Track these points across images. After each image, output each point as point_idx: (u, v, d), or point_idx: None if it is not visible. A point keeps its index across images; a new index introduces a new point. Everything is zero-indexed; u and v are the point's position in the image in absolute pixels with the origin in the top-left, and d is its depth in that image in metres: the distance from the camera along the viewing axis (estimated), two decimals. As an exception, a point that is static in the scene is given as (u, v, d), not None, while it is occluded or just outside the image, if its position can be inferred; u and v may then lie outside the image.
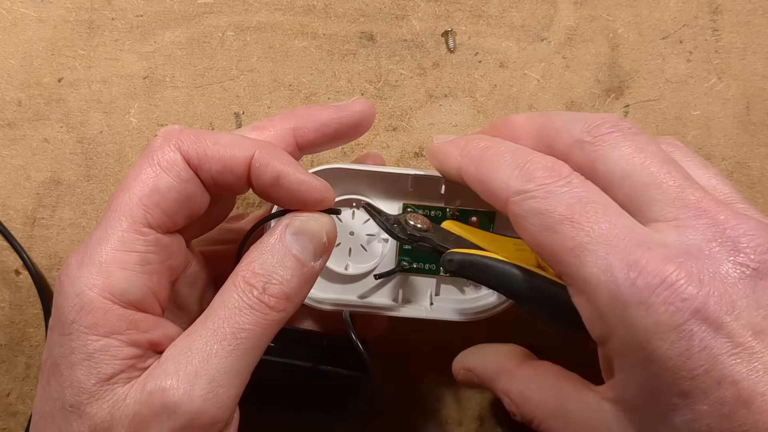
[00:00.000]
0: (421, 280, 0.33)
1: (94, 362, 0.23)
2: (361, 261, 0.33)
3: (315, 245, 0.26)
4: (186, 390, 0.22)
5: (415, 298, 0.33)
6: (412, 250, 0.33)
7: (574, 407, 0.26)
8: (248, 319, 0.24)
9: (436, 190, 0.32)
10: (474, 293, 0.33)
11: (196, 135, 0.26)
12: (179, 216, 0.26)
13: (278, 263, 0.25)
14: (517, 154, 0.26)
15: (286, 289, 0.25)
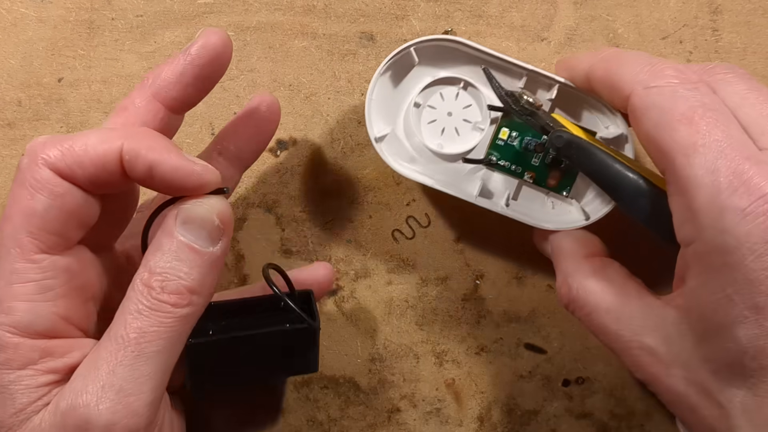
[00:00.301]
0: (503, 180, 0.34)
1: (9, 394, 0.23)
2: (452, 143, 0.34)
3: (208, 230, 0.25)
4: (94, 404, 0.22)
5: (492, 196, 0.34)
6: (503, 148, 0.34)
7: (633, 306, 0.26)
8: (149, 321, 0.23)
9: (542, 98, 0.33)
10: (549, 208, 0.34)
11: (60, 143, 0.24)
12: (70, 231, 0.25)
13: (174, 258, 0.24)
14: (650, 57, 0.27)
15: (186, 283, 0.24)
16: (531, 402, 0.37)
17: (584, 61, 0.30)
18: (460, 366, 0.37)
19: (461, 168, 0.34)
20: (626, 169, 0.27)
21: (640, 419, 0.37)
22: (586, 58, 0.30)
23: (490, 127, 0.34)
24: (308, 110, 0.38)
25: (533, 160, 0.34)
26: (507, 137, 0.34)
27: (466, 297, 0.37)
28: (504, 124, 0.34)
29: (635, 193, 0.27)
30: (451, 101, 0.34)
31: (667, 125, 0.24)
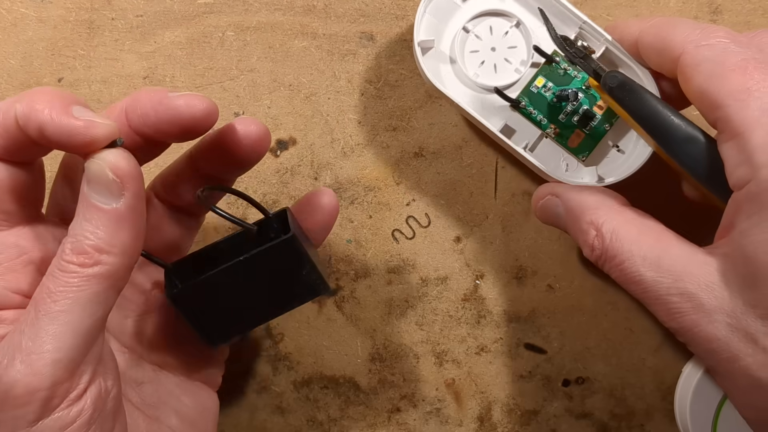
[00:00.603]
0: (525, 128, 0.35)
1: None
2: (488, 77, 0.34)
3: (105, 186, 0.24)
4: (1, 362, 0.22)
5: (512, 137, 0.34)
6: (535, 96, 0.34)
7: (674, 253, 0.26)
8: (56, 282, 0.23)
9: None
10: (562, 168, 0.35)
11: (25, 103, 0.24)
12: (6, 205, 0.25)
13: (83, 218, 0.24)
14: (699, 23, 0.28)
15: (91, 242, 0.23)
16: (531, 402, 0.37)
17: (634, 26, 0.30)
18: (460, 366, 0.37)
19: (489, 102, 0.35)
20: (677, 115, 0.28)
21: (640, 419, 0.37)
22: (636, 23, 0.30)
23: (529, 71, 0.34)
24: (308, 110, 0.38)
25: (560, 116, 0.34)
26: (542, 86, 0.34)
27: (466, 297, 0.37)
28: (543, 72, 0.34)
29: (685, 138, 0.28)
30: (499, 37, 0.34)
31: (720, 75, 0.25)
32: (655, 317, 0.37)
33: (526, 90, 0.34)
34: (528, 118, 0.34)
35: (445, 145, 0.37)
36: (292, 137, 0.38)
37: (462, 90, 0.35)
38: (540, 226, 0.37)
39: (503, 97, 0.34)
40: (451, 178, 0.37)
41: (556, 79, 0.34)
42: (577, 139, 0.34)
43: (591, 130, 0.34)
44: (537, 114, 0.34)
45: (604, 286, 0.37)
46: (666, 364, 0.37)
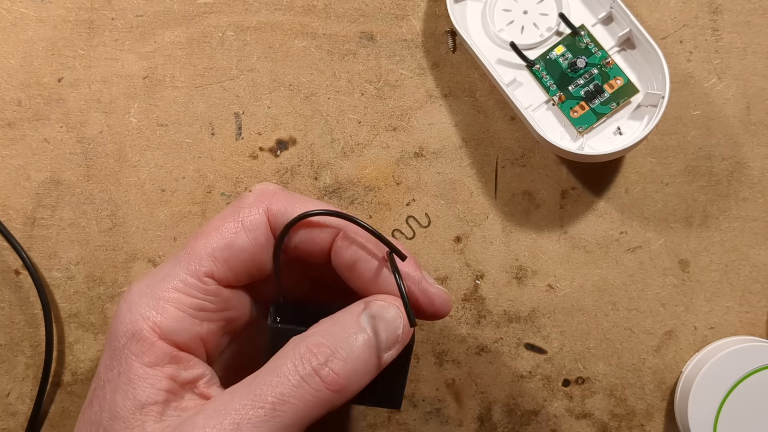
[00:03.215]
0: (533, 90, 0.36)
1: (133, 387, 0.23)
2: (514, 33, 0.36)
3: (388, 335, 0.24)
4: None
5: (519, 98, 0.35)
6: (551, 62, 0.35)
7: None
8: (295, 391, 0.22)
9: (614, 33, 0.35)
10: (558, 134, 0.35)
11: (287, 201, 0.26)
12: (243, 275, 0.26)
13: (348, 338, 0.23)
14: None
15: (348, 368, 0.22)
16: (531, 402, 0.37)
17: None
18: (460, 366, 0.37)
19: (505, 59, 0.36)
20: None
21: (640, 419, 0.37)
22: None
23: (552, 39, 0.36)
24: (308, 110, 0.38)
25: (571, 86, 0.35)
26: (560, 54, 0.35)
27: (466, 297, 0.37)
28: (564, 42, 0.35)
29: None
30: (534, 2, 0.36)
31: None
32: (655, 317, 0.37)
33: (543, 55, 0.35)
34: (539, 81, 0.35)
35: (445, 145, 0.37)
36: (292, 137, 0.38)
37: (484, 41, 0.36)
38: (540, 226, 0.37)
39: (519, 54, 0.35)
40: (451, 178, 0.37)
41: (576, 51, 0.35)
42: (581, 110, 0.35)
43: (596, 105, 0.35)
44: (548, 79, 0.35)
45: (604, 285, 0.37)
46: (666, 364, 0.37)
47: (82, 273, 0.38)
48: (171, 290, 0.24)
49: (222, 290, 0.25)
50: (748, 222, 0.36)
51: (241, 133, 0.38)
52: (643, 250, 0.37)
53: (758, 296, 0.36)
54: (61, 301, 0.38)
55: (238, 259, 0.25)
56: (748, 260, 0.36)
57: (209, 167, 0.38)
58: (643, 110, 0.35)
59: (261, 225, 0.25)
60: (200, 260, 0.25)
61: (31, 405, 0.37)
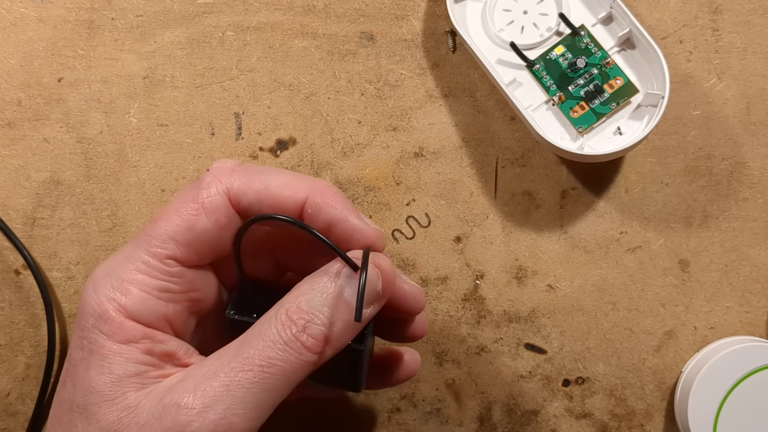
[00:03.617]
0: (533, 90, 0.36)
1: (108, 363, 0.23)
2: (514, 34, 0.36)
3: (368, 292, 0.25)
4: (200, 411, 0.22)
5: (519, 98, 0.35)
6: (551, 62, 0.35)
7: None
8: (280, 355, 0.23)
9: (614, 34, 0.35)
10: (557, 134, 0.35)
11: (247, 176, 0.25)
12: (207, 256, 0.26)
13: (325, 303, 0.24)
14: None
15: (327, 332, 0.24)
16: (531, 402, 0.37)
17: None
18: (460, 366, 0.37)
19: (505, 59, 0.36)
20: None
21: (640, 419, 0.37)
22: None
23: (552, 39, 0.36)
24: (308, 110, 0.38)
25: (571, 86, 0.35)
26: (560, 54, 0.35)
27: (466, 297, 0.37)
28: (565, 42, 0.35)
29: None
30: (534, 2, 0.36)
31: None
32: (655, 317, 0.37)
33: (543, 55, 0.35)
34: (538, 81, 0.35)
35: (445, 145, 0.37)
36: (292, 137, 0.38)
37: (484, 41, 0.36)
38: (540, 226, 0.37)
39: (519, 54, 0.35)
40: (451, 178, 0.37)
41: (575, 50, 0.35)
42: (581, 110, 0.35)
43: (596, 105, 0.35)
44: (548, 79, 0.35)
45: (604, 285, 0.37)
46: (666, 364, 0.37)
47: (82, 273, 0.38)
48: (134, 272, 0.24)
49: (186, 271, 0.25)
50: (748, 222, 0.36)
51: (241, 133, 0.38)
52: (643, 250, 0.37)
53: (758, 296, 0.36)
54: (62, 301, 0.38)
55: (200, 241, 0.25)
56: (748, 260, 0.36)
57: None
58: (643, 110, 0.35)
59: (221, 205, 0.25)
60: (162, 243, 0.24)
61: (32, 405, 0.37)
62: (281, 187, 0.25)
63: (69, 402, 0.23)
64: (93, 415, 0.23)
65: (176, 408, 0.22)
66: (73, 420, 0.23)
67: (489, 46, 0.36)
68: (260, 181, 0.25)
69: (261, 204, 0.25)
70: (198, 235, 0.25)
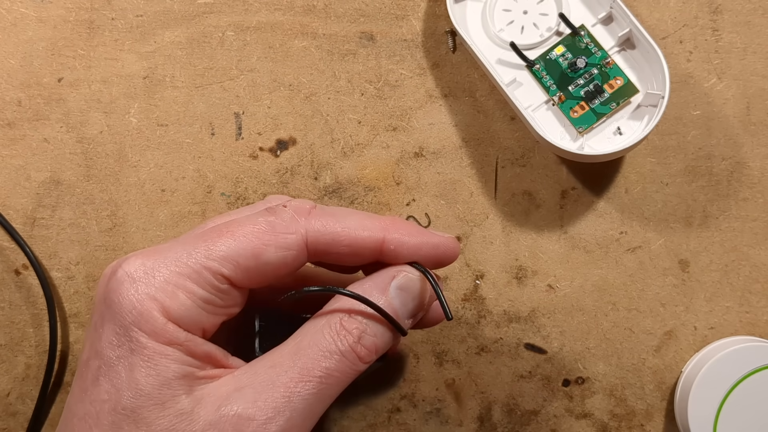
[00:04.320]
0: (533, 91, 0.36)
1: (154, 364, 0.23)
2: (514, 34, 0.36)
3: (414, 305, 0.26)
4: (263, 423, 0.22)
5: (519, 98, 0.35)
6: (551, 62, 0.35)
7: None
8: (338, 366, 0.24)
9: (614, 34, 0.35)
10: (557, 134, 0.35)
11: (326, 219, 0.25)
12: (257, 283, 0.25)
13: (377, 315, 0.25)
14: None
15: (378, 343, 0.25)
16: (531, 402, 0.37)
17: None
18: (460, 366, 0.37)
19: (505, 59, 0.36)
20: None
21: (640, 419, 0.37)
22: None
23: (552, 39, 0.36)
24: (308, 110, 0.38)
25: (571, 86, 0.35)
26: (560, 54, 0.35)
27: (466, 297, 0.37)
28: (564, 42, 0.35)
29: None
30: (534, 2, 0.36)
31: None
32: (655, 317, 0.37)
33: (543, 55, 0.35)
34: (538, 81, 0.35)
35: (445, 145, 0.37)
36: (292, 137, 0.38)
37: (484, 41, 0.36)
38: (540, 226, 0.37)
39: (519, 54, 0.35)
40: (451, 178, 0.37)
41: (576, 51, 0.35)
42: (581, 110, 0.35)
43: (596, 105, 0.35)
44: (548, 79, 0.35)
45: (604, 285, 0.37)
46: (666, 364, 0.37)
47: (82, 273, 0.38)
48: (183, 277, 0.24)
49: (233, 290, 0.25)
50: (748, 222, 0.36)
51: (241, 133, 0.38)
52: (643, 250, 0.37)
53: (758, 296, 0.36)
54: (62, 300, 0.38)
55: (259, 270, 0.25)
56: (748, 260, 0.36)
57: (209, 167, 0.38)
58: (643, 110, 0.35)
59: (294, 245, 0.25)
60: (222, 261, 0.24)
61: (32, 405, 0.37)
62: (358, 228, 0.26)
63: (111, 403, 0.22)
64: (143, 419, 0.22)
65: (237, 418, 0.22)
66: (118, 422, 0.22)
67: (489, 46, 0.36)
68: (338, 223, 0.25)
69: (339, 245, 0.25)
70: (260, 265, 0.24)
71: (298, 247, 0.25)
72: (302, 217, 0.25)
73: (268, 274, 0.25)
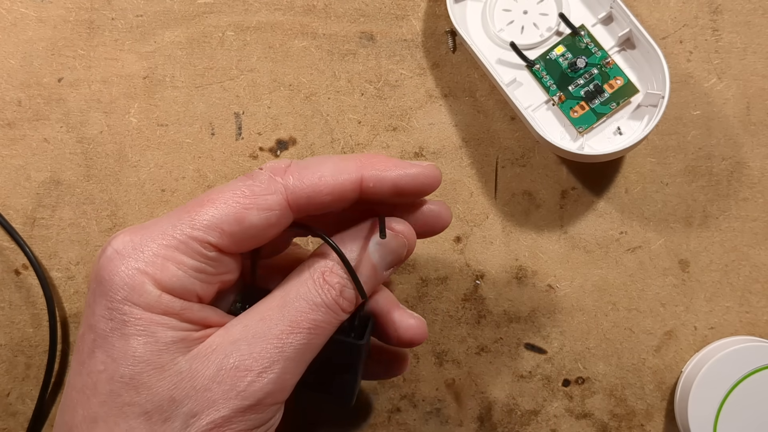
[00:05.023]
0: (533, 91, 0.36)
1: (151, 332, 0.23)
2: (514, 34, 0.36)
3: (392, 258, 0.27)
4: (259, 373, 0.23)
5: (519, 98, 0.35)
6: (551, 62, 0.35)
7: None
8: (324, 317, 0.25)
9: (614, 33, 0.35)
10: (558, 134, 0.35)
11: (300, 172, 0.26)
12: (245, 247, 0.26)
13: (356, 268, 0.26)
14: None
15: (352, 294, 0.26)
16: (531, 402, 0.37)
17: None
18: (460, 366, 0.37)
19: (505, 59, 0.36)
20: None
21: (640, 419, 0.37)
22: None
23: (552, 38, 0.36)
24: (308, 110, 0.38)
25: (571, 86, 0.35)
26: (560, 54, 0.35)
27: (466, 297, 0.37)
28: (564, 42, 0.35)
29: None
30: (534, 2, 0.36)
31: None
32: (655, 317, 0.37)
33: (543, 55, 0.35)
34: (538, 81, 0.35)
35: (445, 145, 0.37)
36: (292, 137, 0.38)
37: (484, 41, 0.36)
38: (540, 226, 0.37)
39: (519, 54, 0.35)
40: (451, 178, 0.37)
41: (575, 50, 0.35)
42: (581, 110, 0.35)
43: (596, 105, 0.35)
44: (548, 79, 0.35)
45: (604, 285, 0.37)
46: (666, 364, 0.37)
47: (82, 273, 0.38)
48: (171, 249, 0.24)
49: (223, 257, 0.25)
50: (748, 222, 0.36)
51: (241, 133, 0.38)
52: (643, 250, 0.37)
53: (758, 296, 0.36)
54: (62, 300, 0.38)
55: (245, 234, 0.25)
56: (748, 260, 0.36)
57: (209, 167, 0.38)
58: (643, 110, 0.35)
59: (275, 204, 0.25)
60: (207, 229, 0.24)
61: (32, 405, 0.37)
62: (335, 172, 0.26)
63: (107, 373, 0.23)
64: (143, 384, 0.23)
65: (235, 371, 0.23)
66: (117, 390, 0.23)
67: (489, 46, 0.36)
68: (314, 173, 0.26)
69: (320, 194, 0.25)
70: (244, 229, 0.25)
71: (279, 206, 0.25)
72: (279, 176, 0.25)
73: (256, 237, 0.25)
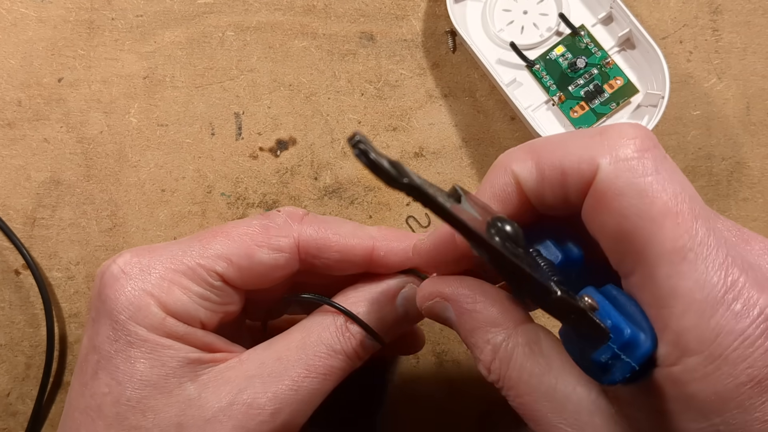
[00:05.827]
0: (533, 91, 0.36)
1: (158, 356, 0.23)
2: (513, 34, 0.36)
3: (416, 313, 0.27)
4: (272, 413, 0.24)
5: (519, 98, 0.35)
6: (551, 62, 0.35)
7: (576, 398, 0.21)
8: (341, 364, 0.25)
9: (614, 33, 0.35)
10: None
11: (317, 226, 0.26)
12: (250, 284, 0.26)
13: (381, 319, 0.26)
14: None
15: (372, 344, 0.26)
16: (531, 402, 0.37)
17: None
18: (460, 366, 0.37)
19: (505, 59, 0.36)
20: None
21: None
22: None
23: (552, 39, 0.36)
24: (308, 110, 0.38)
25: (571, 86, 0.35)
26: (560, 54, 0.35)
27: (466, 297, 0.37)
28: (564, 42, 0.36)
29: None
30: (534, 2, 0.36)
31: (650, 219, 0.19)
32: (655, 317, 0.37)
33: (543, 55, 0.36)
34: (538, 81, 0.36)
35: (445, 145, 0.37)
36: (292, 137, 0.38)
37: (484, 41, 0.37)
38: (540, 226, 0.37)
39: (519, 54, 0.35)
40: (451, 178, 0.37)
41: (576, 50, 0.35)
42: (581, 110, 0.35)
43: (596, 105, 0.35)
44: (548, 79, 0.35)
45: (604, 286, 0.37)
46: (666, 364, 0.37)
47: (82, 273, 0.38)
48: (178, 273, 0.24)
49: (227, 288, 0.26)
50: (748, 222, 0.36)
51: (241, 133, 0.38)
52: (643, 250, 0.37)
53: (758, 296, 0.36)
54: (62, 301, 0.38)
55: (251, 270, 0.25)
56: (748, 260, 0.36)
57: (209, 167, 0.38)
58: (643, 110, 0.35)
59: (286, 248, 0.26)
60: (216, 258, 0.25)
61: (31, 405, 0.37)
62: (350, 235, 0.27)
63: (113, 395, 0.23)
64: (150, 409, 0.23)
65: (247, 407, 0.23)
66: (123, 413, 0.23)
67: (489, 46, 0.36)
68: (330, 229, 0.26)
69: (330, 250, 0.26)
70: (252, 265, 0.25)
71: (290, 249, 0.26)
72: (295, 221, 0.26)
73: (262, 276, 0.26)
